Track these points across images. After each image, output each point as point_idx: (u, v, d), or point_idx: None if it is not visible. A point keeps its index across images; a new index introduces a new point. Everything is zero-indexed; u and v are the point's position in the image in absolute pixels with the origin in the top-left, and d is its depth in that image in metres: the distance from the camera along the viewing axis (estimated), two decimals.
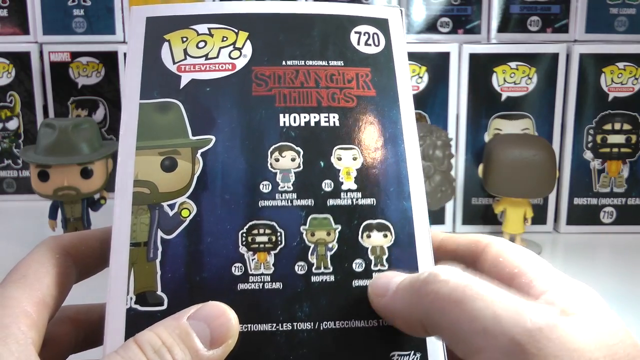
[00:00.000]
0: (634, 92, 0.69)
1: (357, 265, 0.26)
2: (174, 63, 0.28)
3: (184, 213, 0.26)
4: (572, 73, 0.69)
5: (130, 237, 0.25)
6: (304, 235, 0.26)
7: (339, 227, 0.26)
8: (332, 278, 0.25)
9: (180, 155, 0.27)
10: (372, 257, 0.26)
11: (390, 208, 0.27)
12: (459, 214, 0.72)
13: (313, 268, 0.25)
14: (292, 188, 0.26)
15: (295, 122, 0.27)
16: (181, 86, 0.28)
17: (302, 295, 0.25)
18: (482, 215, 0.72)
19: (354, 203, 0.26)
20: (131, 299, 0.24)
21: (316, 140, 0.27)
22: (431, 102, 0.68)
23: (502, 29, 0.73)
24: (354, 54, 0.29)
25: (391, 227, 0.26)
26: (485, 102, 0.69)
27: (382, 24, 0.30)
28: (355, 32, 0.29)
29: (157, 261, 0.25)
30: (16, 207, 0.79)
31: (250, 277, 0.25)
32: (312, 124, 0.28)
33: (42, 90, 0.80)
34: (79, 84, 0.79)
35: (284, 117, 0.28)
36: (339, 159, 0.27)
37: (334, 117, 0.28)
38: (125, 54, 0.67)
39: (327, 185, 0.27)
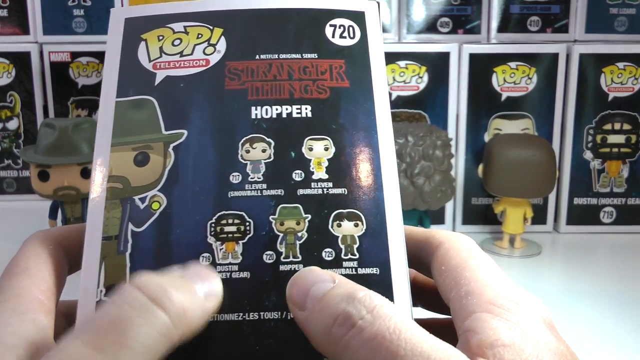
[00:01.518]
0: (634, 92, 0.69)
1: (327, 254, 0.26)
2: (150, 61, 0.29)
3: (154, 206, 0.26)
4: (572, 73, 0.69)
5: (103, 232, 0.26)
6: (273, 225, 0.26)
7: (309, 217, 0.26)
8: (301, 267, 0.25)
9: (153, 150, 0.27)
10: (342, 246, 0.26)
11: (362, 198, 0.27)
12: (459, 214, 0.72)
13: (281, 257, 0.25)
14: (262, 178, 0.27)
15: (267, 114, 0.28)
16: (156, 83, 0.28)
17: (269, 284, 0.25)
18: (482, 215, 0.72)
19: (325, 192, 0.27)
20: (101, 291, 0.25)
21: (288, 132, 0.28)
22: (431, 102, 0.68)
23: (502, 29, 0.73)
24: (329, 46, 0.29)
25: (362, 217, 0.26)
26: (485, 102, 0.69)
27: (358, 17, 0.30)
28: (331, 25, 0.30)
29: (127, 254, 0.25)
30: (16, 207, 0.79)
31: (217, 266, 0.25)
32: (284, 115, 0.28)
33: (42, 90, 0.80)
34: (79, 84, 0.79)
35: (256, 109, 0.28)
36: (310, 149, 0.27)
37: (306, 109, 0.28)
38: None
39: (297, 175, 0.27)
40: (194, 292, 0.22)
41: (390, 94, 0.68)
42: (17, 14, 0.79)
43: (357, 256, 0.26)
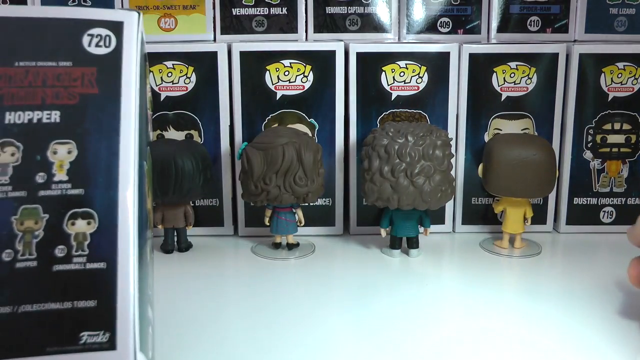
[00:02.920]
0: (634, 92, 0.69)
1: (59, 250, 0.28)
2: None
3: None
4: (571, 73, 0.69)
5: None
6: (14, 225, 0.28)
7: (47, 216, 0.29)
8: (35, 264, 0.28)
9: None
10: (74, 243, 0.28)
11: (97, 197, 0.29)
12: (459, 213, 0.72)
13: (19, 255, 0.28)
14: (8, 181, 0.29)
15: (19, 119, 0.30)
16: None
17: (4, 281, 0.27)
18: (482, 215, 0.72)
19: (64, 193, 0.29)
20: None
21: (36, 136, 0.30)
22: (431, 102, 0.68)
23: (502, 29, 0.74)
24: (84, 54, 0.32)
25: (95, 215, 0.29)
26: (485, 102, 0.69)
27: (115, 27, 0.32)
28: (88, 35, 0.32)
29: None
30: None
31: None
32: (35, 120, 0.30)
33: None
34: None
35: (10, 114, 0.30)
36: (55, 152, 0.30)
37: (55, 114, 0.30)
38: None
39: (40, 178, 0.30)
40: None
41: (389, 94, 0.68)
42: None
43: (87, 252, 0.28)
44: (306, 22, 0.72)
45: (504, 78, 0.68)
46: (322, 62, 0.67)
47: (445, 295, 0.56)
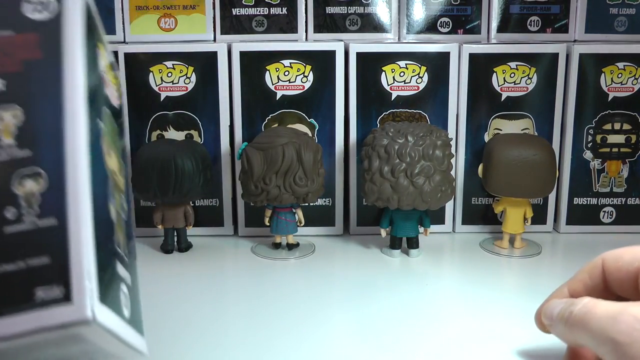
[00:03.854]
0: (634, 92, 0.69)
1: (10, 213, 0.29)
2: None
3: None
4: (572, 73, 0.69)
5: None
6: None
7: None
8: None
9: None
10: (24, 204, 0.29)
11: (45, 157, 0.30)
12: (459, 213, 0.72)
13: None
14: None
15: None
16: None
17: None
18: (482, 215, 0.72)
19: (11, 157, 0.30)
20: None
21: None
22: (431, 102, 0.68)
23: (502, 29, 0.74)
24: (25, 21, 0.32)
25: (44, 174, 0.29)
26: (485, 102, 0.69)
27: None
28: (27, 2, 0.32)
29: None
30: None
31: None
32: None
33: None
34: None
35: None
36: (1, 119, 0.30)
37: (2, 84, 0.31)
38: (124, 54, 0.67)
39: None
40: None
41: (389, 94, 0.68)
42: None
43: (38, 211, 0.29)
44: (306, 22, 0.72)
45: (504, 78, 0.68)
46: (322, 62, 0.67)
47: (445, 295, 0.56)
